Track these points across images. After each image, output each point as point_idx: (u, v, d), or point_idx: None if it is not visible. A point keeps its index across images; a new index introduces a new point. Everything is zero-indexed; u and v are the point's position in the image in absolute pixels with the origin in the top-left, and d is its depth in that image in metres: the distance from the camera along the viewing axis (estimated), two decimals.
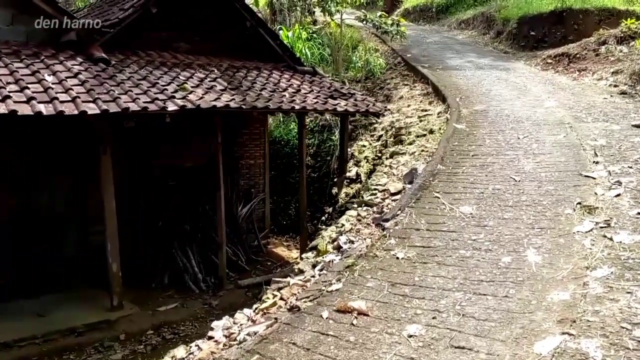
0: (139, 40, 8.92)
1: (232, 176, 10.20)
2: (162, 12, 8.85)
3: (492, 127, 8.40)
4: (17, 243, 7.97)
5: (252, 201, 10.61)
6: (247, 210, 10.36)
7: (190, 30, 9.60)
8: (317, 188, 12.25)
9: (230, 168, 10.29)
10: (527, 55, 16.20)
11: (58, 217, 8.33)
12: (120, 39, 8.51)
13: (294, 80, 9.64)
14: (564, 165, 6.29)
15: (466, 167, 6.54)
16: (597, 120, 8.29)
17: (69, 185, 8.48)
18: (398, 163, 8.14)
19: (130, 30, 8.54)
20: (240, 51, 10.15)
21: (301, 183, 9.58)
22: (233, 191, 10.13)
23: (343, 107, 8.76)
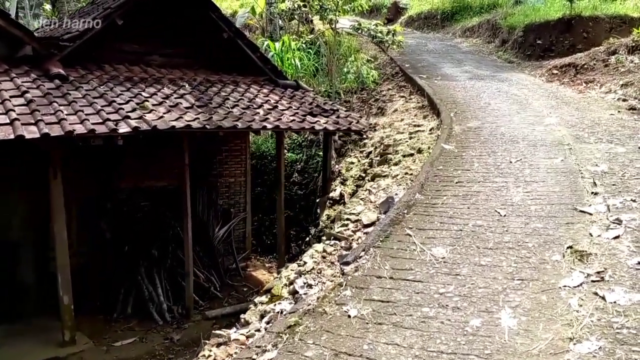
0: (106, 53, 8.37)
1: (209, 195, 9.58)
2: (132, 24, 8.29)
3: (483, 148, 7.67)
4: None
5: (231, 221, 9.96)
6: (224, 231, 9.72)
7: (164, 42, 9.03)
8: (303, 206, 11.59)
9: (208, 187, 9.67)
10: (532, 65, 15.44)
11: (13, 241, 7.73)
12: (85, 52, 7.94)
13: (273, 95, 9.00)
14: (557, 196, 5.55)
15: (447, 196, 5.82)
16: (601, 141, 7.53)
17: (27, 207, 7.89)
18: (378, 187, 7.44)
19: (95, 44, 7.97)
20: (218, 64, 9.56)
21: (279, 204, 8.92)
22: (210, 212, 9.49)
23: (322, 126, 8.09)
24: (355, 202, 7.05)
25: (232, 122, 7.00)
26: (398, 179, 7.51)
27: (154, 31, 8.77)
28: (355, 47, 18.92)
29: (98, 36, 7.86)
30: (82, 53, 7.87)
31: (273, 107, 8.22)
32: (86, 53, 7.95)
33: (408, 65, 16.10)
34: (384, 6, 29.91)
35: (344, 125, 8.46)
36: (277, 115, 7.85)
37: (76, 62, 7.83)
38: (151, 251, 8.23)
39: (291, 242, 11.16)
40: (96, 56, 8.20)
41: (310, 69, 15.79)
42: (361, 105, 14.73)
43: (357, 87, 14.40)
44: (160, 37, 8.91)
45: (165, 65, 8.96)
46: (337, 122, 8.46)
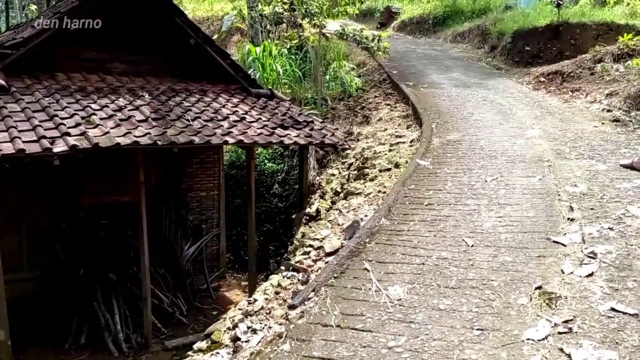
0: (61, 61, 7.96)
1: (177, 211, 9.16)
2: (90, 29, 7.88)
3: (460, 164, 7.29)
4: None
5: (202, 238, 9.55)
6: (195, 249, 9.30)
7: (127, 49, 8.63)
8: (283, 220, 11.18)
9: (176, 202, 9.26)
10: (520, 72, 15.10)
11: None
12: (34, 60, 7.53)
13: (243, 105, 8.60)
14: (531, 223, 5.17)
15: (415, 222, 5.44)
16: (582, 157, 7.15)
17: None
18: (349, 207, 7.05)
19: (45, 51, 7.56)
20: (186, 72, 9.16)
21: (250, 222, 8.51)
22: (178, 229, 9.08)
23: (292, 139, 7.69)
24: (322, 225, 6.67)
25: (189, 137, 6.60)
26: (370, 198, 7.13)
27: (115, 37, 8.37)
28: (344, 53, 18.60)
29: (47, 42, 7.44)
30: (31, 61, 7.46)
31: (240, 119, 7.82)
32: (36, 61, 7.55)
33: (396, 71, 15.74)
34: (377, 10, 29.61)
35: (317, 138, 8.07)
36: (244, 128, 7.46)
37: (24, 70, 7.43)
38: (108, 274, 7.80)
39: (270, 259, 10.75)
40: (48, 64, 7.79)
41: (295, 74, 15.42)
42: (347, 113, 14.35)
43: (344, 94, 14.01)
44: (122, 44, 8.51)
45: (129, 73, 8.56)
46: (310, 135, 8.07)
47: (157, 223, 8.93)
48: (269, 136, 7.49)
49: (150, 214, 8.85)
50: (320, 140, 8.06)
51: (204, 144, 6.68)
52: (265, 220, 11.47)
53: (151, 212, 8.90)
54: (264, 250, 11.01)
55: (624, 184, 6.00)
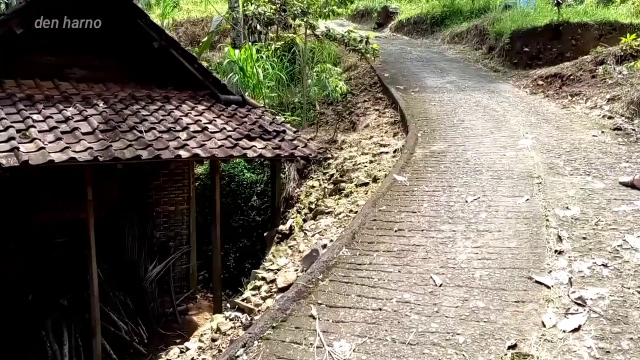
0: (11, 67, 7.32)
1: (142, 228, 8.50)
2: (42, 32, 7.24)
3: (440, 180, 6.58)
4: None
5: (169, 257, 8.88)
6: (160, 269, 8.63)
7: (86, 53, 7.96)
8: (261, 235, 10.47)
9: (140, 218, 8.60)
10: (518, 75, 14.34)
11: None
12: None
13: (209, 113, 7.92)
14: (512, 256, 4.45)
15: (379, 253, 4.74)
16: (577, 172, 6.42)
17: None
18: (316, 229, 6.36)
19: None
20: (152, 77, 8.50)
21: (215, 243, 7.83)
22: (142, 247, 8.42)
23: (257, 152, 6.99)
24: (282, 251, 5.98)
25: (136, 152, 5.92)
26: (340, 219, 6.43)
27: (73, 40, 7.71)
28: (335, 55, 17.94)
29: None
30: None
31: (202, 129, 7.13)
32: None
33: (387, 74, 15.03)
34: (374, 10, 28.90)
35: (287, 150, 7.36)
36: (204, 139, 6.77)
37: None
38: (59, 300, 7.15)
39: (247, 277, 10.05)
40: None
41: (282, 78, 14.74)
42: (335, 118, 13.67)
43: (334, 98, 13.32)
44: (81, 48, 7.84)
45: (88, 79, 7.91)
46: (279, 147, 7.37)
47: (118, 241, 8.27)
48: (230, 148, 6.80)
49: (111, 232, 8.22)
50: (290, 152, 7.36)
51: (152, 158, 5.99)
52: (243, 234, 10.80)
53: (112, 230, 8.26)
54: (239, 268, 10.34)
55: (622, 206, 5.28)
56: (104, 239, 7.89)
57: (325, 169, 10.35)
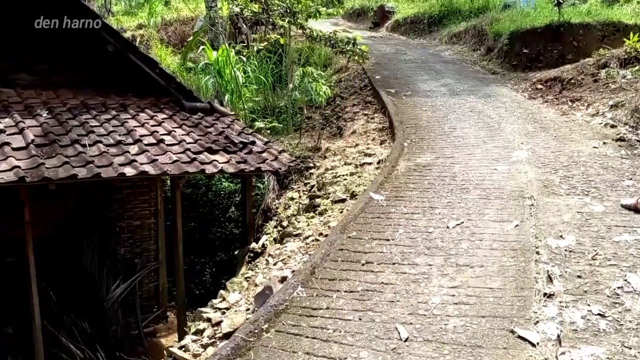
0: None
1: (103, 245, 7.85)
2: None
3: (422, 199, 5.89)
4: None
5: (135, 275, 8.23)
6: (124, 288, 7.97)
7: (35, 57, 7.31)
8: (239, 248, 9.81)
9: (102, 234, 7.95)
10: (516, 78, 13.63)
11: None
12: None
13: (169, 123, 7.26)
14: (494, 299, 3.77)
15: (340, 294, 4.06)
16: (574, 192, 5.73)
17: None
18: (280, 255, 5.68)
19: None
20: (111, 83, 7.84)
21: (178, 265, 7.16)
22: (103, 265, 7.76)
23: (218, 167, 6.32)
24: (236, 283, 5.29)
25: (72, 170, 5.25)
26: (308, 244, 5.75)
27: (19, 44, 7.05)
28: (325, 56, 17.28)
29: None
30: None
31: (157, 142, 6.46)
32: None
33: (379, 77, 14.37)
34: (370, 9, 28.21)
35: (253, 164, 6.68)
36: (157, 153, 6.11)
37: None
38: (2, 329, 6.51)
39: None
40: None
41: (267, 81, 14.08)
42: (323, 123, 13.02)
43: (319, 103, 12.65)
44: (29, 52, 7.19)
45: (38, 85, 7.27)
46: (244, 161, 6.69)
47: (76, 260, 7.63)
48: (187, 164, 6.13)
49: (67, 250, 7.58)
50: (257, 167, 6.68)
51: (90, 178, 5.33)
52: (220, 248, 10.14)
53: (67, 248, 7.62)
54: (216, 283, 9.65)
55: (624, 235, 4.59)
56: (58, 258, 7.27)
57: (307, 179, 9.67)
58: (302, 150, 10.65)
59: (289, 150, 10.57)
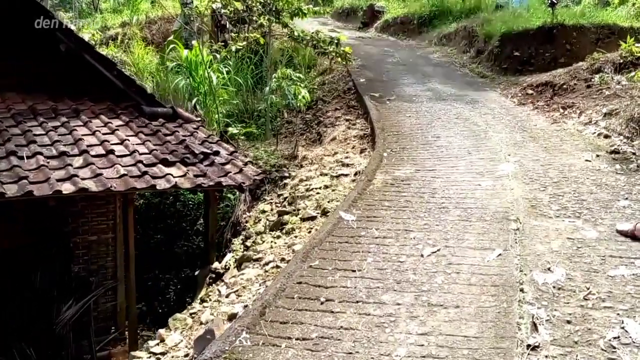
0: None
1: (55, 261, 7.22)
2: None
3: (396, 220, 5.30)
4: None
5: (90, 294, 7.59)
6: (77, 309, 7.33)
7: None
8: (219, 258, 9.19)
9: (55, 249, 7.32)
10: (507, 82, 13.08)
11: None
12: None
13: (124, 130, 6.64)
14: (468, 351, 3.19)
15: (291, 341, 3.46)
16: (565, 214, 5.16)
17: None
18: (235, 285, 5.07)
19: None
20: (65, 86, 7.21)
21: (129, 287, 6.55)
22: (54, 284, 7.13)
23: (172, 182, 5.70)
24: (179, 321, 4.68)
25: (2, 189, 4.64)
26: (268, 271, 5.15)
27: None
28: (311, 56, 16.64)
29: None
30: None
31: (106, 153, 5.85)
32: None
33: (364, 79, 13.78)
34: (360, 9, 27.64)
35: (213, 178, 6.06)
36: (105, 166, 5.50)
37: None
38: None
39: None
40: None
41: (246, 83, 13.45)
42: (303, 128, 12.41)
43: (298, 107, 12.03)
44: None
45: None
46: (204, 174, 6.08)
47: (25, 278, 6.99)
48: (136, 178, 5.51)
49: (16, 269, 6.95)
50: (217, 181, 6.07)
51: (21, 196, 4.71)
52: (186, 263, 9.51)
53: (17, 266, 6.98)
54: (180, 301, 9.03)
55: (620, 268, 4.02)
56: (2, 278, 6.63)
57: (280, 190, 9.06)
58: (278, 158, 10.05)
59: (264, 158, 9.99)
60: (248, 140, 11.71)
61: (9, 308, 6.69)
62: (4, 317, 6.56)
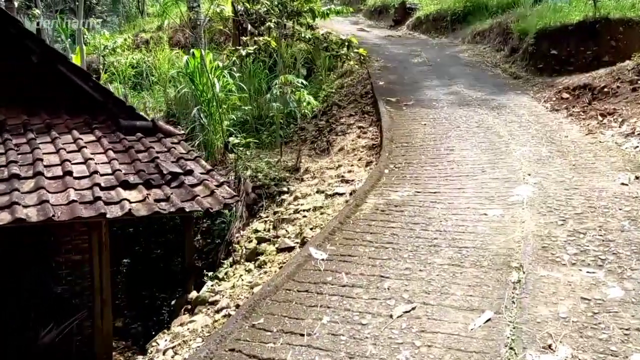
0: None
1: (34, 283, 6.67)
2: None
3: (373, 262, 4.37)
4: None
5: (73, 317, 7.01)
6: (58, 333, 6.76)
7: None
8: (200, 285, 8.49)
9: (33, 270, 6.77)
10: (541, 84, 11.82)
11: None
12: None
13: (92, 147, 5.99)
14: None
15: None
16: (583, 260, 4.10)
17: None
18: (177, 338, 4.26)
19: None
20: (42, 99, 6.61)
21: (105, 318, 5.86)
22: (32, 307, 6.59)
23: (126, 208, 4.96)
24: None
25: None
26: (217, 321, 4.32)
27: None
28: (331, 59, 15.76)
29: None
30: None
31: (63, 174, 5.18)
32: None
33: (383, 82, 12.80)
34: (392, 6, 26.51)
35: (175, 204, 5.28)
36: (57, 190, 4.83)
37: None
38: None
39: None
40: None
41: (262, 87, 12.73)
42: (315, 135, 11.57)
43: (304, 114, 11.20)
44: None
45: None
46: (167, 199, 5.32)
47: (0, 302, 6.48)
48: (86, 205, 4.81)
49: None
50: (179, 207, 5.28)
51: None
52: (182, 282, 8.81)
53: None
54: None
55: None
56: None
57: (278, 206, 8.26)
58: (280, 170, 9.24)
59: (264, 170, 9.21)
60: (258, 148, 10.99)
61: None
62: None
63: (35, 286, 6.98)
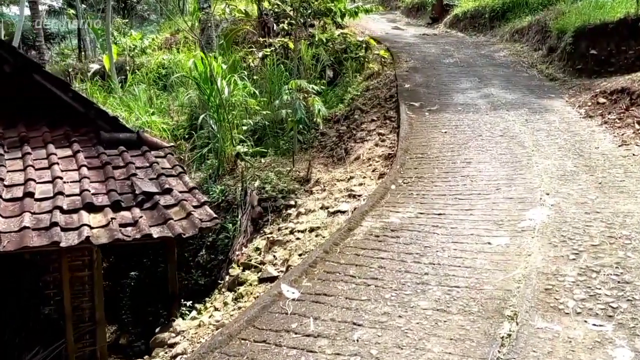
0: None
1: (23, 302, 6.51)
2: None
3: (348, 304, 3.90)
4: None
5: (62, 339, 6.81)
6: (45, 356, 6.57)
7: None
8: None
9: (21, 289, 6.61)
10: (579, 86, 10.97)
11: None
12: None
13: (65, 164, 5.73)
14: None
15: None
16: (590, 309, 3.50)
17: None
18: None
19: None
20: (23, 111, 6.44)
21: (100, 338, 5.61)
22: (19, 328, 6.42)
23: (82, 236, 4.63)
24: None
25: None
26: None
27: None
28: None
29: None
30: None
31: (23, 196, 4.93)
32: None
33: (409, 85, 12.21)
34: (429, 3, 25.66)
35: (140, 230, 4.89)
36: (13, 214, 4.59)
37: None
38: None
39: None
40: None
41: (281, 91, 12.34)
42: (335, 142, 11.10)
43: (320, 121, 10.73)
44: None
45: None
46: (134, 223, 4.98)
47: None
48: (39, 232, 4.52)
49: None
50: (146, 233, 4.93)
51: None
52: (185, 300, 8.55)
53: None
54: None
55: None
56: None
57: (283, 221, 7.85)
58: (289, 181, 8.82)
59: (273, 181, 8.81)
60: (275, 154, 10.64)
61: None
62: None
63: (20, 308, 6.80)
